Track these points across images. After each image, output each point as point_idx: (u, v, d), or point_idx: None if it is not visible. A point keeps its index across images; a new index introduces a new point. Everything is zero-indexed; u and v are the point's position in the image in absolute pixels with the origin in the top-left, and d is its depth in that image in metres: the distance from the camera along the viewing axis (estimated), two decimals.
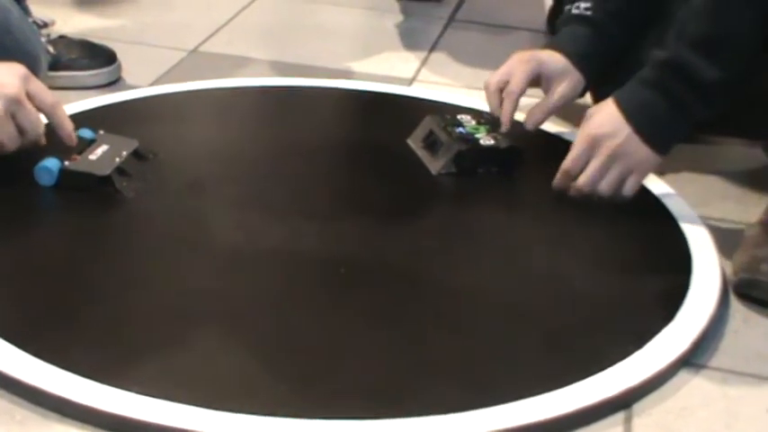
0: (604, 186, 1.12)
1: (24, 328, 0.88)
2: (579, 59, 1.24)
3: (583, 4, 1.25)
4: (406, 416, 0.81)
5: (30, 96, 1.06)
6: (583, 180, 1.13)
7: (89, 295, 0.94)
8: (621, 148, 1.10)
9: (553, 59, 1.24)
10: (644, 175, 1.13)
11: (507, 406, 0.83)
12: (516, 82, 1.22)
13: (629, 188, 1.13)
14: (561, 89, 1.24)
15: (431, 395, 0.84)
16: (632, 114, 1.10)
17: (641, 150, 1.10)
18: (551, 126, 1.35)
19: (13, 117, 1.05)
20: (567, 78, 1.24)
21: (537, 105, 1.25)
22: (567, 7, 1.27)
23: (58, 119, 1.10)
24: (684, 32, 1.08)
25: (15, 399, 0.82)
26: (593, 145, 1.12)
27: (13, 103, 1.05)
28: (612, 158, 1.11)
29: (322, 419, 0.80)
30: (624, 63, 1.22)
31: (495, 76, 1.24)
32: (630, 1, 1.26)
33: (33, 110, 1.07)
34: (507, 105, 1.22)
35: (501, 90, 1.23)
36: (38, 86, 1.08)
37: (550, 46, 1.26)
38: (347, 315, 0.94)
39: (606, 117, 1.12)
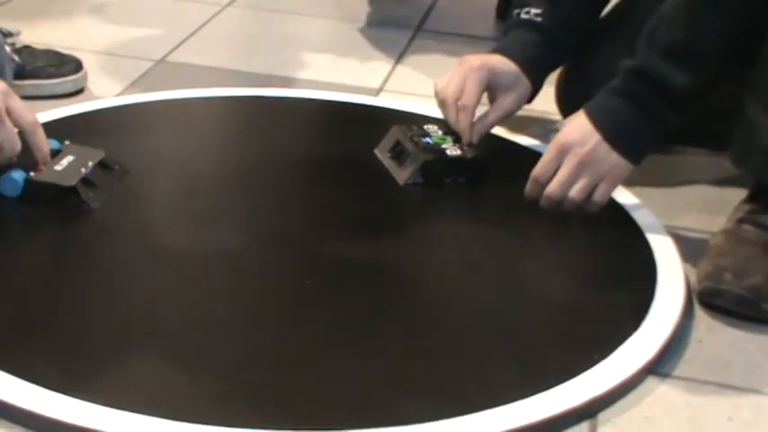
0: (574, 194, 1.13)
1: None
2: (529, 67, 1.24)
3: (533, 10, 1.25)
4: (371, 427, 0.81)
5: (9, 113, 1.05)
6: (552, 187, 1.13)
7: (53, 307, 0.93)
8: (591, 155, 1.11)
9: (504, 67, 1.23)
10: (615, 183, 1.14)
11: (473, 416, 0.83)
12: (469, 95, 1.21)
13: (599, 196, 1.13)
14: (506, 103, 1.24)
15: (396, 406, 0.84)
16: (601, 122, 1.11)
17: (611, 158, 1.11)
18: (519, 137, 1.36)
19: None
20: (516, 89, 1.24)
21: (480, 119, 1.24)
22: (516, 11, 1.27)
23: (37, 140, 1.09)
24: (655, 40, 1.09)
25: None
26: (563, 152, 1.12)
27: None
28: (582, 166, 1.11)
29: (287, 431, 0.80)
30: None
31: (448, 90, 1.22)
32: (579, 8, 1.27)
33: (12, 127, 1.06)
34: (465, 119, 1.21)
35: (457, 102, 1.22)
36: (18, 104, 1.06)
37: (501, 51, 1.25)
38: (314, 327, 0.94)
39: (576, 125, 1.13)
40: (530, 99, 1.27)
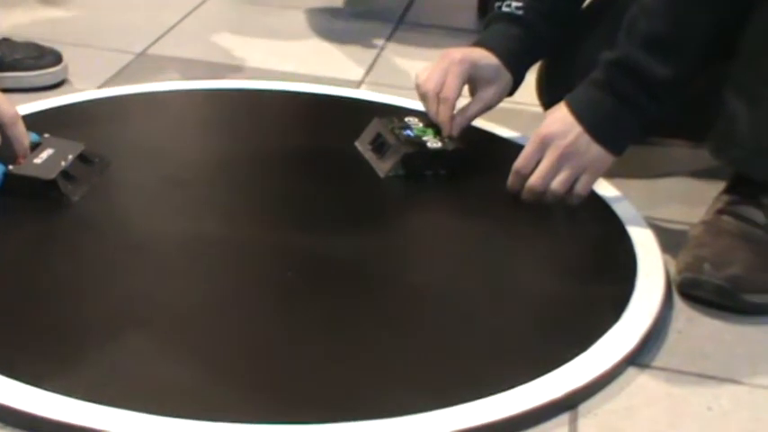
0: (556, 186, 1.13)
1: None
2: (510, 60, 1.24)
3: (514, 3, 1.25)
4: (355, 419, 0.81)
5: None
6: (534, 179, 1.13)
7: (33, 300, 0.93)
8: (572, 147, 1.11)
9: (485, 60, 1.23)
10: (596, 174, 1.14)
11: (454, 409, 0.83)
12: (450, 88, 1.20)
13: (581, 187, 1.13)
14: (487, 96, 1.24)
15: (377, 399, 0.84)
16: (582, 114, 1.11)
17: (592, 149, 1.12)
18: (500, 129, 1.36)
19: None
20: (497, 82, 1.24)
21: (460, 112, 1.24)
22: (497, 4, 1.27)
23: (17, 134, 1.08)
24: (635, 31, 1.09)
25: None
26: (545, 145, 1.13)
27: None
28: (563, 158, 1.12)
29: (271, 424, 0.80)
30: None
31: (429, 83, 1.21)
32: (560, 1, 1.27)
33: None
34: (445, 112, 1.21)
35: (438, 94, 1.22)
36: None
37: (482, 44, 1.25)
38: (296, 319, 0.94)
39: (557, 117, 1.13)
40: (511, 92, 1.27)
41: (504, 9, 1.25)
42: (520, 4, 1.24)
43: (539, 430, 0.85)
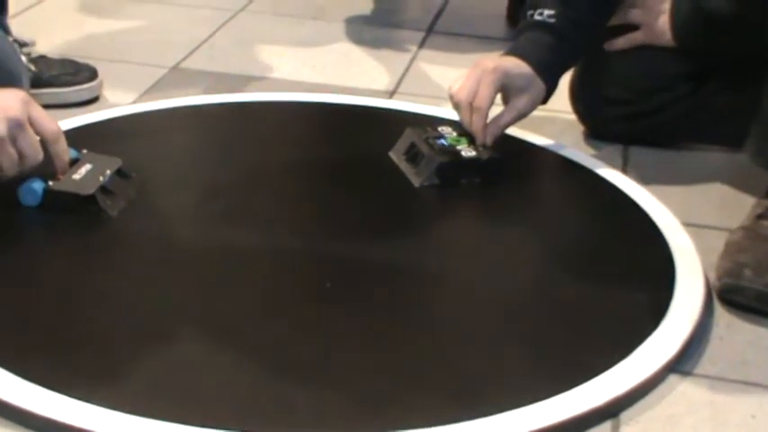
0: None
1: (12, 351, 0.88)
2: (543, 69, 1.24)
3: (546, 12, 1.25)
4: (393, 429, 0.81)
5: (31, 122, 1.05)
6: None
7: (75, 314, 0.94)
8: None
9: (518, 69, 1.24)
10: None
11: (495, 417, 0.83)
12: (483, 97, 1.21)
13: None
14: (520, 104, 1.24)
15: (418, 408, 0.85)
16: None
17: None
18: (534, 137, 1.36)
19: (14, 141, 1.04)
20: (529, 91, 1.24)
21: (493, 120, 1.25)
22: (530, 12, 1.27)
23: (59, 150, 1.09)
24: None
25: (3, 422, 0.83)
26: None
27: (16, 127, 1.03)
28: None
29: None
30: None
31: (462, 92, 1.22)
32: (592, 9, 1.27)
33: (34, 136, 1.06)
34: (478, 121, 1.22)
35: (471, 104, 1.22)
36: (40, 113, 1.07)
37: (514, 53, 1.26)
38: (333, 329, 0.95)
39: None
40: (544, 100, 1.27)
41: (537, 18, 1.26)
42: (552, 12, 1.25)
43: None
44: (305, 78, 1.58)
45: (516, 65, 1.24)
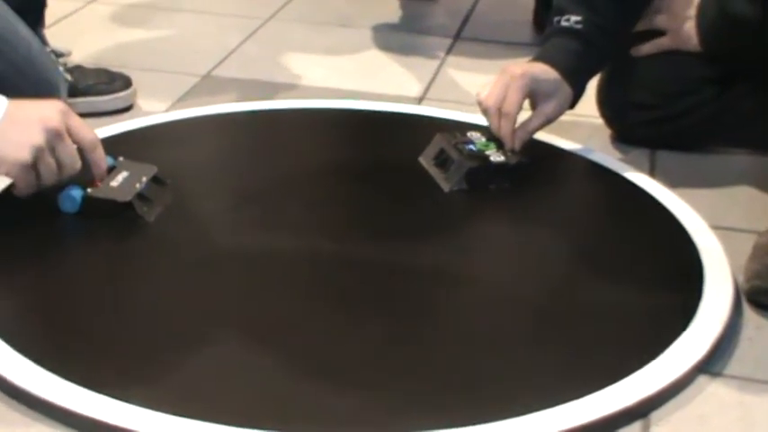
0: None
1: (56, 353, 0.90)
2: (571, 75, 1.26)
3: (573, 18, 1.26)
4: (421, 429, 0.83)
5: (69, 132, 1.07)
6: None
7: (115, 317, 0.96)
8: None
9: (546, 75, 1.25)
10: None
11: (526, 417, 0.85)
12: (511, 102, 1.22)
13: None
14: (548, 110, 1.26)
15: (446, 408, 0.86)
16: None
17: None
18: (562, 141, 1.37)
19: (53, 150, 1.06)
20: (556, 97, 1.25)
21: (521, 126, 1.26)
22: (556, 18, 1.28)
23: (97, 158, 1.11)
24: None
25: (48, 421, 0.85)
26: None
27: (55, 137, 1.05)
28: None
29: None
30: None
31: (490, 98, 1.24)
32: (619, 14, 1.28)
33: (72, 145, 1.08)
34: (506, 126, 1.23)
35: (500, 109, 1.24)
36: (78, 122, 1.09)
37: (542, 59, 1.27)
38: (365, 331, 0.96)
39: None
40: (572, 105, 1.28)
41: (564, 24, 1.27)
42: (579, 18, 1.26)
43: None
44: (334, 85, 1.59)
45: (544, 71, 1.25)
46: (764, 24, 1.19)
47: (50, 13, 1.47)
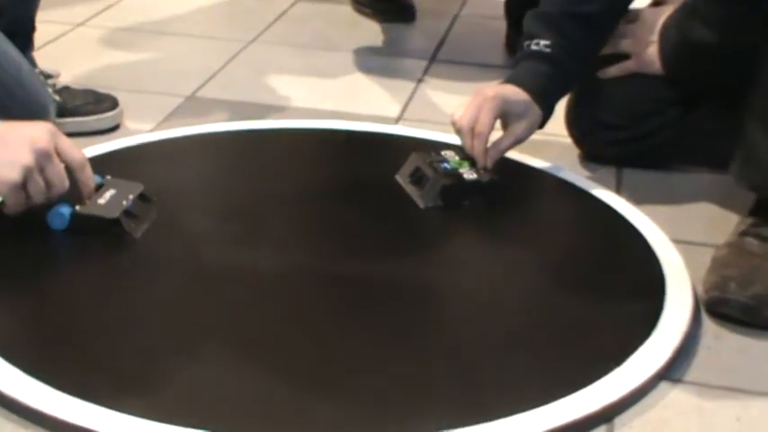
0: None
1: (47, 364, 0.92)
2: (540, 96, 1.28)
3: (542, 42, 1.29)
4: None
5: (58, 152, 1.09)
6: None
7: (104, 330, 0.99)
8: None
9: (516, 96, 1.28)
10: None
11: (493, 423, 0.87)
12: (483, 123, 1.25)
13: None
14: (518, 130, 1.28)
15: (419, 414, 0.89)
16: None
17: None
18: (532, 160, 1.40)
19: (42, 170, 1.07)
20: (527, 118, 1.28)
21: (493, 145, 1.28)
22: (527, 43, 1.31)
23: (85, 177, 1.13)
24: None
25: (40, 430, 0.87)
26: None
27: (44, 157, 1.07)
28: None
29: None
30: None
31: (464, 119, 1.26)
32: (586, 37, 1.31)
33: (61, 165, 1.09)
34: (479, 146, 1.26)
35: (473, 129, 1.26)
36: (66, 143, 1.10)
37: (513, 81, 1.30)
38: (348, 342, 0.99)
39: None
40: (541, 125, 1.31)
41: (533, 48, 1.30)
42: (548, 42, 1.29)
43: None
44: (315, 106, 1.61)
45: (515, 92, 1.28)
46: (722, 50, 1.22)
47: (39, 36, 1.48)
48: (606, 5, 1.31)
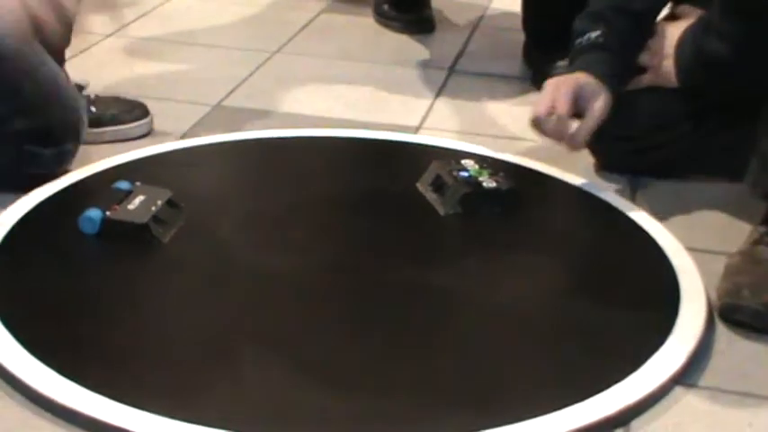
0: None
1: (79, 365, 0.95)
2: (608, 79, 1.30)
3: (593, 34, 1.32)
4: None
5: None
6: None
7: (133, 331, 1.01)
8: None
9: (586, 79, 1.30)
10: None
11: (511, 427, 0.89)
12: (562, 105, 1.27)
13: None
14: (597, 107, 1.29)
15: (436, 417, 0.91)
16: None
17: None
18: (550, 169, 1.42)
19: None
20: (601, 96, 1.29)
21: (579, 126, 1.29)
22: (578, 41, 1.34)
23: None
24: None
25: (72, 428, 0.90)
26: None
27: None
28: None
29: None
30: None
31: (541, 107, 1.28)
32: (633, 29, 1.34)
33: None
34: (562, 127, 1.28)
35: (550, 115, 1.28)
36: None
37: (578, 70, 1.32)
38: (368, 345, 1.01)
39: None
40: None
41: (585, 42, 1.33)
42: (598, 33, 1.32)
43: None
44: (337, 115, 1.63)
45: (582, 76, 1.30)
46: (737, 63, 1.24)
47: (69, 47, 1.48)
48: (650, 4, 1.35)
